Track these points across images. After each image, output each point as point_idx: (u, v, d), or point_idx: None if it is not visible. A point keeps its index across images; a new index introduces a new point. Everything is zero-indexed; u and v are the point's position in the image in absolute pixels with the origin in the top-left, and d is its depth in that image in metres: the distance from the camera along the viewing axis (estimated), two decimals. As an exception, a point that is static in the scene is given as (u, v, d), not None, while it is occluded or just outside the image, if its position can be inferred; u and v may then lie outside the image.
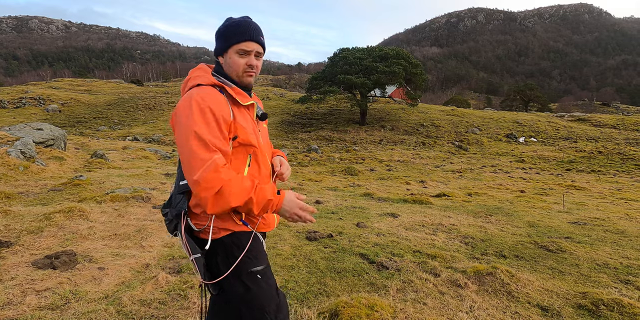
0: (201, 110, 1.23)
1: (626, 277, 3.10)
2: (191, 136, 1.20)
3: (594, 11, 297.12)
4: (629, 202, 8.62)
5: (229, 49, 1.38)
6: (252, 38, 1.37)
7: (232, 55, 1.38)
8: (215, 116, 1.24)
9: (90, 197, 4.87)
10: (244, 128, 1.33)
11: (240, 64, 1.38)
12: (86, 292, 2.40)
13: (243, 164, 1.35)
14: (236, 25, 1.37)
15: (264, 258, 1.41)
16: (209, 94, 1.28)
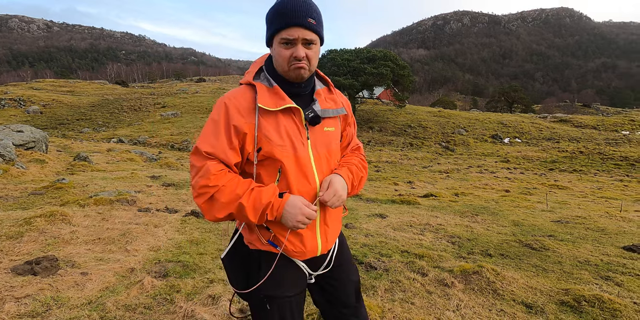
0: (215, 116, 1.15)
1: (606, 273, 3.19)
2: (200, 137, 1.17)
3: (574, 15, 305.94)
4: (609, 200, 8.87)
5: (273, 38, 1.16)
6: (295, 22, 1.10)
7: (277, 46, 1.15)
8: (227, 124, 1.13)
9: (72, 200, 4.75)
10: (269, 140, 1.13)
11: (285, 57, 1.14)
12: (68, 298, 2.34)
13: (271, 180, 1.17)
14: (277, 8, 1.13)
15: (287, 287, 1.24)
16: (236, 99, 1.16)
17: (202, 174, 1.10)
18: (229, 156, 1.13)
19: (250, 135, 1.14)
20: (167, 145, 20.22)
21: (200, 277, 2.74)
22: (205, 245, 3.50)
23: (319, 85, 1.31)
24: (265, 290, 1.21)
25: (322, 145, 1.23)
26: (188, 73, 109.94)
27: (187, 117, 29.29)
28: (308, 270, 1.28)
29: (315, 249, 1.24)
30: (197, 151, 1.15)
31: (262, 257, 1.24)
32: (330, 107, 1.26)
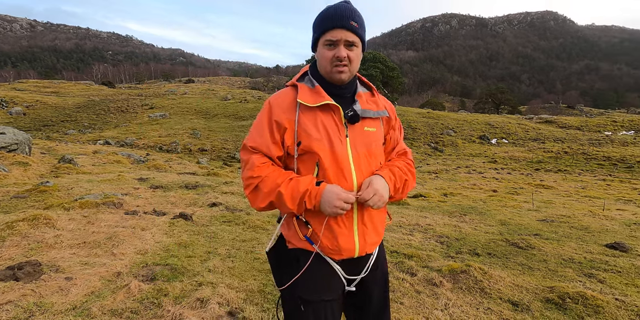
0: (260, 115, 1.27)
1: (589, 270, 3.27)
2: (244, 141, 1.29)
3: (558, 18, 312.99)
4: (592, 199, 9.09)
5: (318, 42, 1.23)
6: (338, 24, 1.16)
7: (320, 49, 1.22)
8: (270, 120, 1.23)
9: (57, 204, 4.65)
10: (308, 134, 1.19)
11: (328, 57, 1.19)
12: (52, 303, 2.29)
13: (306, 169, 1.22)
14: (322, 13, 1.21)
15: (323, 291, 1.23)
16: (279, 97, 1.27)
17: (248, 167, 1.22)
18: (271, 150, 1.22)
19: (290, 130, 1.21)
20: (155, 147, 19.95)
21: (189, 280, 2.71)
22: (193, 248, 3.47)
23: (362, 89, 1.35)
24: (299, 290, 1.22)
25: (362, 144, 1.24)
26: (176, 74, 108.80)
27: (175, 119, 28.97)
28: (343, 274, 1.26)
29: (352, 248, 1.23)
30: (244, 147, 1.27)
31: (299, 256, 1.26)
32: (371, 108, 1.29)
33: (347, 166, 1.20)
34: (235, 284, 2.71)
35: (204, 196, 5.90)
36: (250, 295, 2.56)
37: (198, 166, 12.68)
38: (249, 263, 3.17)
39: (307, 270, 1.21)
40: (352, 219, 1.23)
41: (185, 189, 6.57)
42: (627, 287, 2.90)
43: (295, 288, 1.22)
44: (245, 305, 2.40)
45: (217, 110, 31.97)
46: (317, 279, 1.23)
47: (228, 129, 26.28)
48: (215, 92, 45.19)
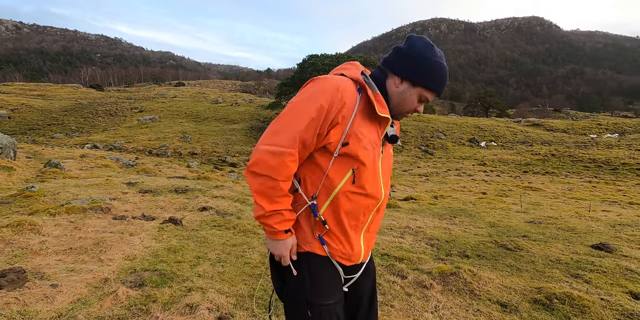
0: (321, 91, 1.13)
1: (576, 271, 3.33)
2: (288, 110, 1.14)
3: (545, 24, 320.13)
4: (578, 201, 9.27)
5: (415, 85, 1.22)
6: (439, 92, 1.25)
7: (412, 93, 1.23)
8: (330, 106, 1.11)
9: (43, 209, 4.55)
10: (359, 139, 1.16)
11: (412, 106, 1.26)
12: (37, 311, 2.23)
13: (340, 176, 1.17)
14: (442, 70, 1.23)
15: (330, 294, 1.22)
16: (340, 85, 1.15)
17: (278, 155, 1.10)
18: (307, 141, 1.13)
19: (341, 128, 1.14)
20: (144, 151, 19.71)
21: (178, 286, 2.68)
22: (183, 253, 3.43)
23: None
24: (306, 295, 1.19)
25: (387, 162, 1.31)
26: (166, 77, 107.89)
27: (165, 122, 28.70)
28: (344, 275, 1.28)
29: (359, 255, 1.27)
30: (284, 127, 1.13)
31: (304, 260, 1.21)
32: (399, 136, 1.37)
33: (379, 180, 1.24)
34: (225, 289, 2.69)
35: (194, 200, 5.84)
36: (240, 300, 2.54)
37: (188, 170, 12.57)
38: (239, 268, 3.15)
39: (314, 274, 1.20)
40: (363, 227, 1.26)
41: (175, 193, 6.50)
42: (612, 287, 2.96)
43: (301, 293, 1.20)
44: (236, 310, 2.38)
45: (207, 114, 31.78)
46: (324, 283, 1.22)
47: (219, 133, 26.14)
48: (206, 96, 44.94)
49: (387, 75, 1.27)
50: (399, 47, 1.27)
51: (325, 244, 1.21)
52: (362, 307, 1.39)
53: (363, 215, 1.24)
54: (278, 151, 1.10)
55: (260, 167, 1.10)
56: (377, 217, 1.32)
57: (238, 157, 20.09)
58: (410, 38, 1.27)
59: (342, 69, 1.27)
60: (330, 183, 1.17)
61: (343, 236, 1.22)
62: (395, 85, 1.25)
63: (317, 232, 1.20)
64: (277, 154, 1.10)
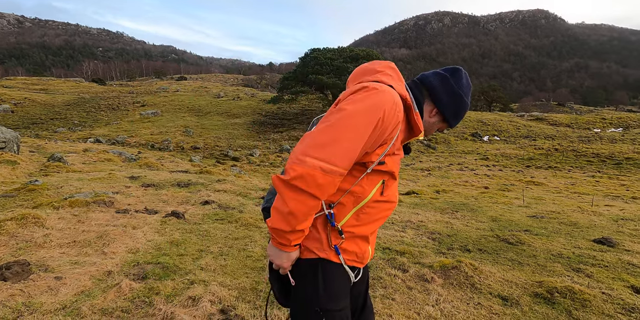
0: (379, 105, 1.04)
1: (577, 265, 3.33)
2: (343, 122, 1.02)
3: (549, 17, 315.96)
4: (581, 195, 9.24)
5: (444, 120, 1.30)
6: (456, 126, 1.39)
7: (437, 125, 1.32)
8: (385, 125, 1.06)
9: (46, 202, 4.58)
10: (396, 155, 1.18)
11: (430, 131, 1.34)
12: (41, 303, 2.26)
13: (371, 188, 1.16)
14: (467, 110, 1.31)
15: (343, 299, 1.21)
16: (397, 101, 1.09)
17: (328, 173, 1.00)
18: (353, 160, 1.06)
19: (386, 147, 1.12)
20: (147, 145, 19.76)
21: (181, 279, 2.70)
22: (186, 246, 3.45)
23: None
24: (322, 303, 1.15)
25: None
26: (168, 71, 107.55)
27: (167, 116, 28.71)
28: (353, 279, 1.26)
29: (368, 257, 1.29)
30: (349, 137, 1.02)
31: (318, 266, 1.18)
32: None
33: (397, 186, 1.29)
34: (227, 281, 2.71)
35: (196, 194, 5.86)
36: (242, 293, 2.56)
37: (191, 164, 12.60)
38: (241, 261, 3.16)
39: (329, 281, 1.18)
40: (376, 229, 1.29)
41: (178, 187, 6.53)
42: (613, 281, 2.96)
43: (316, 300, 1.16)
44: (238, 303, 2.40)
45: (209, 108, 31.75)
46: (337, 289, 1.20)
47: (221, 127, 26.14)
48: (207, 90, 44.84)
49: (425, 99, 1.27)
50: (446, 77, 1.27)
51: (341, 252, 1.18)
52: (358, 305, 1.39)
53: (383, 219, 1.27)
54: (330, 170, 1.00)
55: (306, 183, 0.99)
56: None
57: (240, 152, 20.10)
58: (458, 71, 1.29)
59: (386, 77, 1.19)
60: (360, 194, 1.15)
61: (363, 242, 1.22)
62: (430, 115, 1.30)
63: (334, 242, 1.17)
64: (328, 172, 1.00)
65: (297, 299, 1.21)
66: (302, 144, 1.04)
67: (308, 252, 1.18)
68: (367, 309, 1.44)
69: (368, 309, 1.45)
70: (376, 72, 1.21)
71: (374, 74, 1.20)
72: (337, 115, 1.04)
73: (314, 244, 1.17)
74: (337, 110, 1.06)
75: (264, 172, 14.29)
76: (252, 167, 15.89)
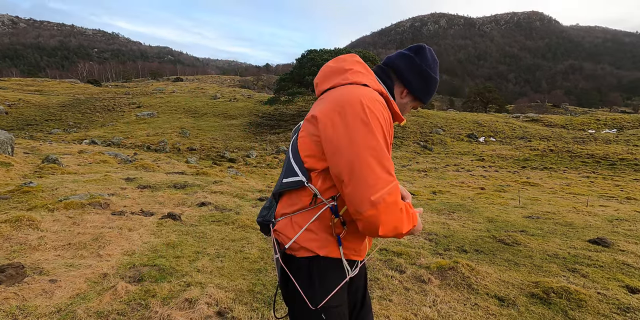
0: (377, 118, 1.06)
1: (573, 265, 3.35)
2: (365, 147, 1.03)
3: (544, 19, 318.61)
4: (576, 196, 9.30)
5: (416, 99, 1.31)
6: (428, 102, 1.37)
7: (410, 104, 1.33)
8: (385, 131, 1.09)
9: (41, 205, 4.54)
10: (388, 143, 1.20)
11: (406, 109, 1.34)
12: (36, 306, 2.24)
13: None
14: (436, 86, 1.31)
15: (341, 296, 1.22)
16: (382, 104, 1.11)
17: (395, 192, 1.05)
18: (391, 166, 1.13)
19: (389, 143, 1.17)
20: (142, 147, 19.66)
21: (177, 281, 2.69)
22: (182, 248, 3.43)
23: None
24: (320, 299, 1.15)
25: None
26: (165, 72, 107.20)
27: (163, 118, 28.59)
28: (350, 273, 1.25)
29: (366, 249, 1.30)
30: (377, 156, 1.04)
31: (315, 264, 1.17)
32: None
33: None
34: (224, 283, 2.69)
35: (192, 196, 5.84)
36: (239, 295, 2.55)
37: (187, 165, 12.55)
38: (238, 263, 3.15)
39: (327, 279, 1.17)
40: None
41: (174, 188, 6.50)
42: (608, 281, 2.98)
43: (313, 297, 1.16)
44: (235, 305, 2.39)
45: (206, 109, 31.66)
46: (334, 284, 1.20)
47: (217, 128, 26.08)
48: (204, 91, 44.73)
49: (395, 82, 1.28)
50: (411, 56, 1.26)
51: (342, 244, 1.18)
52: (357, 301, 1.39)
53: None
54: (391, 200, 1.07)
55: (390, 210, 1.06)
56: None
57: (237, 153, 20.05)
58: (422, 49, 1.27)
59: (359, 75, 1.20)
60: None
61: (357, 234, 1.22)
62: (401, 96, 1.30)
63: (337, 232, 1.17)
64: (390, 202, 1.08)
65: (295, 297, 1.20)
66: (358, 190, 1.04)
67: (305, 251, 1.17)
68: (365, 307, 1.43)
69: (367, 308, 1.44)
70: (345, 72, 1.20)
71: (343, 74, 1.19)
72: (364, 153, 1.04)
73: (313, 243, 1.17)
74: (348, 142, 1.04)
75: (261, 173, 14.26)
76: (248, 168, 15.85)
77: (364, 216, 1.03)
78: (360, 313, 1.41)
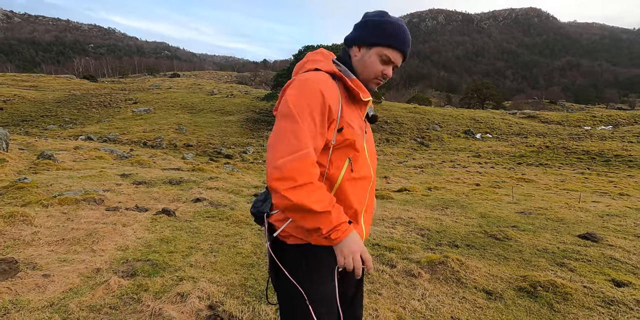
0: (312, 92, 1.10)
1: (562, 260, 3.40)
2: (289, 117, 1.08)
3: (542, 15, 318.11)
4: (570, 192, 9.39)
5: (373, 46, 1.22)
6: (403, 49, 1.23)
7: (373, 56, 1.23)
8: (323, 104, 1.10)
9: (35, 200, 4.55)
10: (351, 127, 1.18)
11: (376, 70, 1.24)
12: (28, 301, 2.26)
13: (339, 167, 1.18)
14: (396, 27, 1.22)
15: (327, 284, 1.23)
16: (324, 80, 1.15)
17: (304, 158, 1.05)
18: (318, 141, 1.12)
19: (335, 122, 1.16)
20: (139, 143, 19.60)
21: (170, 276, 2.71)
22: (176, 243, 3.46)
23: None
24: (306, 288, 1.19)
25: (370, 141, 1.35)
26: (161, 68, 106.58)
27: (160, 114, 28.46)
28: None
29: (362, 234, 1.29)
30: (297, 124, 1.07)
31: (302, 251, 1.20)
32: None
33: (367, 161, 1.28)
34: (216, 278, 2.73)
35: (188, 192, 5.85)
36: (231, 289, 2.58)
37: (183, 162, 12.54)
38: (231, 257, 3.18)
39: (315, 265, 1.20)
40: (362, 208, 1.28)
41: (170, 184, 6.51)
42: (595, 275, 3.03)
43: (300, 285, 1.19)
44: (226, 298, 2.42)
45: (203, 105, 31.54)
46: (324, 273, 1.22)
47: (214, 124, 25.99)
48: (201, 87, 44.51)
49: (349, 52, 1.28)
50: (356, 23, 1.29)
51: None
52: (348, 293, 1.41)
53: (363, 197, 1.28)
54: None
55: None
56: (371, 196, 1.35)
57: (233, 149, 20.04)
58: (365, 15, 1.29)
59: (314, 62, 1.24)
60: (332, 174, 1.18)
61: (353, 219, 1.25)
62: (355, 55, 1.26)
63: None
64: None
65: (283, 283, 1.23)
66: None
67: (294, 238, 1.21)
68: (357, 300, 1.46)
69: (358, 302, 1.46)
70: (304, 64, 1.26)
71: (302, 67, 1.26)
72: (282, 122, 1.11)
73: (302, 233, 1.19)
74: (280, 116, 1.12)
75: (257, 169, 14.28)
76: (245, 164, 15.86)
77: (269, 182, 1.06)
78: (350, 306, 1.43)
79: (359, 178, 1.23)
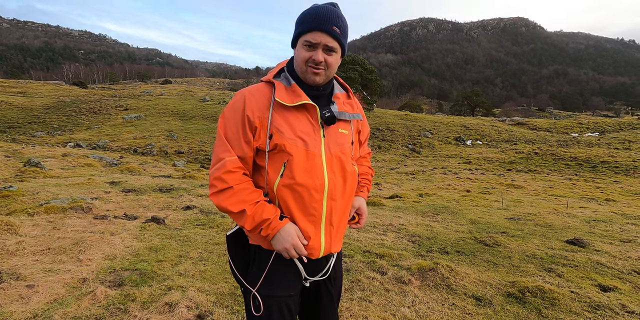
0: (233, 106, 1.21)
1: (550, 265, 3.44)
2: (218, 129, 1.23)
3: (529, 25, 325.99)
4: (558, 198, 9.52)
5: (297, 39, 1.22)
6: (321, 27, 1.16)
7: (299, 48, 1.22)
8: (242, 114, 1.18)
9: (20, 209, 4.47)
10: (281, 133, 1.18)
11: (304, 58, 1.19)
12: (11, 312, 2.21)
13: (276, 171, 1.20)
14: (307, 11, 1.20)
15: (284, 287, 1.24)
16: (252, 92, 1.22)
17: (219, 166, 1.19)
18: (244, 149, 1.20)
19: (263, 128, 1.19)
20: (129, 150, 19.38)
21: (158, 285, 2.68)
22: (165, 252, 3.42)
23: (338, 90, 1.35)
24: (260, 287, 1.22)
25: (336, 145, 1.26)
26: (153, 74, 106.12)
27: (151, 120, 28.24)
28: (304, 272, 1.26)
29: (318, 247, 1.23)
30: (220, 137, 1.22)
31: (259, 252, 1.25)
32: (347, 110, 1.31)
33: (319, 166, 1.20)
34: (205, 287, 2.70)
35: (178, 199, 5.80)
36: (220, 298, 2.55)
37: (174, 169, 12.43)
38: (221, 266, 3.15)
39: (268, 266, 1.23)
40: (321, 218, 1.22)
41: (160, 192, 6.44)
42: (582, 280, 3.07)
43: (254, 283, 1.23)
44: (215, 308, 2.39)
45: (194, 112, 31.41)
46: (275, 275, 1.23)
47: (206, 131, 25.85)
48: (193, 93, 44.38)
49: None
50: None
51: None
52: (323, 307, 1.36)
53: (311, 206, 1.20)
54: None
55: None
56: (337, 206, 1.25)
57: (225, 156, 19.89)
58: None
59: (268, 73, 1.31)
60: (270, 180, 1.21)
61: (304, 232, 1.22)
62: (294, 52, 1.27)
63: None
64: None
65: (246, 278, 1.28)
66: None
67: (251, 238, 1.28)
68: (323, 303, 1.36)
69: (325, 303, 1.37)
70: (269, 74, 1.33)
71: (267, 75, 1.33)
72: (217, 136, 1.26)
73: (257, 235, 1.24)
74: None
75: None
76: (237, 171, 15.74)
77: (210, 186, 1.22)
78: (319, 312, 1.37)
79: (297, 184, 1.17)
